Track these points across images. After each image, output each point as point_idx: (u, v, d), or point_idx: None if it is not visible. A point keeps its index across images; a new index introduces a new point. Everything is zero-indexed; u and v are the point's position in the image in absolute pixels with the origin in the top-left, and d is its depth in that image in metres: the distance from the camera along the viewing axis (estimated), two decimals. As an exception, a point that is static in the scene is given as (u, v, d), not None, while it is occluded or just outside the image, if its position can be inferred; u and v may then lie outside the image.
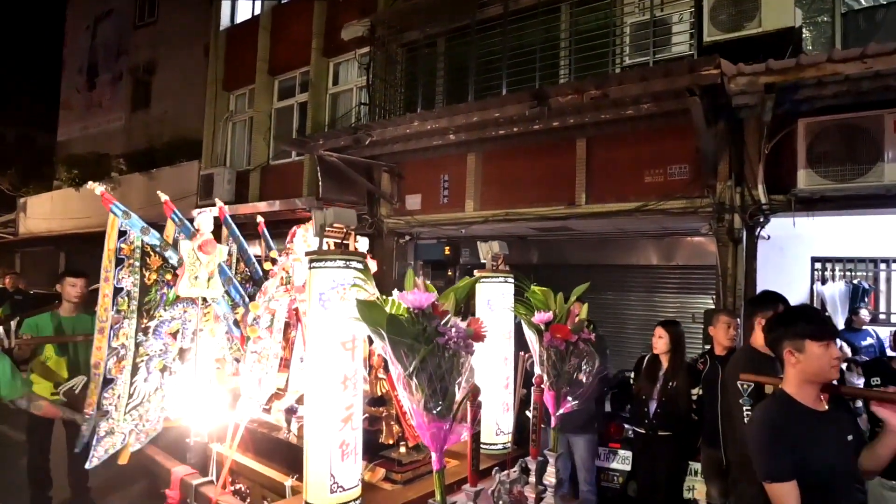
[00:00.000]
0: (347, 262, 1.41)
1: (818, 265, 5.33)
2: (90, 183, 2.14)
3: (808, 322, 1.69)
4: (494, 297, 1.94)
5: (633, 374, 3.58)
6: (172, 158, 9.30)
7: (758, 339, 2.70)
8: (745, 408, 2.46)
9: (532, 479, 1.47)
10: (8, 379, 2.47)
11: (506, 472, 1.31)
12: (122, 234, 2.02)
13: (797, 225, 4.52)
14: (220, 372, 2.26)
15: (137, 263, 2.03)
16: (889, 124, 3.86)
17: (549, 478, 1.59)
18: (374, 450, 1.74)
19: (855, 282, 5.14)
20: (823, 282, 5.27)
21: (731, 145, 4.43)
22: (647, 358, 3.52)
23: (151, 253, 2.06)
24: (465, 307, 1.71)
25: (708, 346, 3.64)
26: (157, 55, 11.14)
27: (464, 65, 5.64)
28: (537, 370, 1.60)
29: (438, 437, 1.09)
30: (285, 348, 2.19)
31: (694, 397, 3.26)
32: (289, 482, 1.71)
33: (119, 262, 2.00)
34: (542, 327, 1.58)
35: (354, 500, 1.40)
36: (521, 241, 5.80)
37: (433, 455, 1.11)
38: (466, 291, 1.21)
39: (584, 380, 1.62)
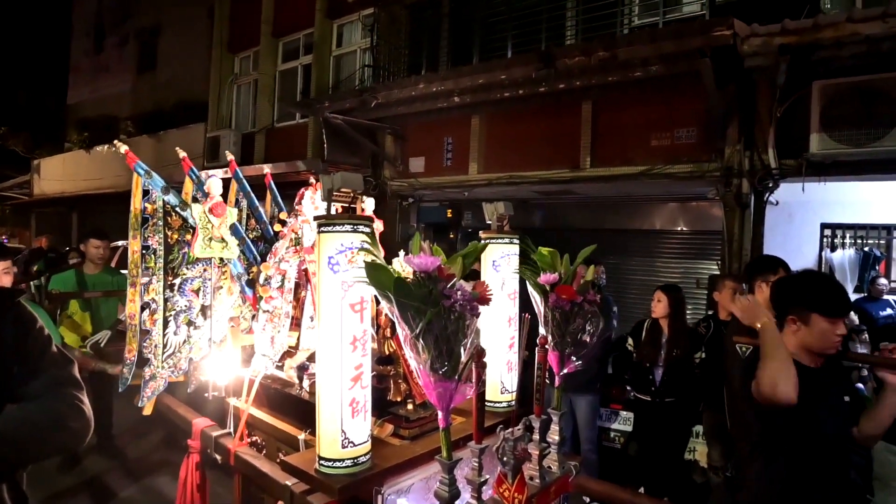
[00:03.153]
0: (355, 227, 1.42)
1: (827, 232, 5.25)
2: (116, 143, 2.18)
3: (821, 295, 1.61)
4: (500, 259, 1.93)
5: (630, 340, 3.58)
6: (179, 121, 9.30)
7: (760, 301, 2.72)
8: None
9: (536, 436, 1.51)
10: (52, 327, 2.61)
11: (510, 429, 1.31)
12: (145, 193, 2.05)
13: (808, 191, 4.44)
14: (235, 330, 2.34)
15: (161, 223, 2.08)
16: (907, 86, 3.72)
17: (553, 436, 1.62)
18: (382, 406, 1.81)
19: (866, 249, 5.07)
20: (833, 249, 5.21)
21: (741, 108, 4.31)
22: (646, 323, 3.52)
23: (172, 212, 2.11)
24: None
25: (711, 312, 3.66)
26: (162, 18, 10.95)
27: (469, 26, 5.49)
28: (542, 331, 1.61)
29: (444, 397, 1.11)
30: (296, 308, 2.24)
31: (696, 361, 3.28)
32: (302, 436, 1.76)
33: (144, 220, 2.05)
34: (548, 288, 1.58)
35: (365, 454, 1.45)
36: (523, 205, 5.78)
37: (439, 414, 1.14)
38: (475, 257, 1.21)
39: (588, 341, 1.63)
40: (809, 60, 3.86)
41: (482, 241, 1.61)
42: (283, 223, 2.26)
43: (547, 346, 1.55)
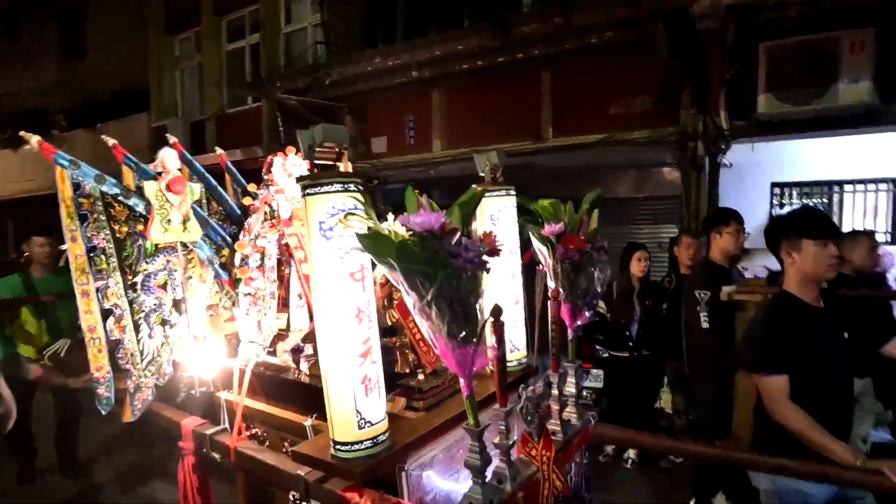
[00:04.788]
0: (345, 186, 1.27)
1: (777, 190, 5.53)
2: (24, 134, 1.92)
3: (806, 221, 1.70)
4: (497, 212, 1.80)
5: (601, 302, 3.68)
6: (118, 111, 8.69)
7: (714, 252, 2.87)
8: (702, 314, 2.65)
9: (555, 391, 1.47)
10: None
11: (531, 387, 1.26)
12: (76, 187, 1.82)
13: (757, 152, 4.64)
14: (216, 318, 2.16)
15: (103, 217, 1.84)
16: (846, 46, 3.89)
17: (570, 388, 1.58)
18: (391, 380, 1.67)
19: (811, 204, 5.39)
20: (782, 206, 5.50)
21: (694, 73, 4.42)
22: (615, 284, 3.63)
23: (114, 203, 1.88)
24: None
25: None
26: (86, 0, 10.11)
27: (423, -3, 5.34)
28: (551, 284, 1.55)
29: (465, 363, 1.04)
30: (280, 287, 2.06)
31: (663, 314, 3.44)
32: (308, 422, 1.63)
33: (82, 217, 1.82)
34: (554, 239, 1.50)
35: (383, 433, 1.35)
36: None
37: (462, 381, 1.07)
38: (474, 206, 1.11)
39: (599, 290, 1.58)
40: (756, 21, 3.99)
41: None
42: (254, 196, 2.08)
43: (560, 300, 1.49)
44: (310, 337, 1.89)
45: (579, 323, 1.58)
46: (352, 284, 1.30)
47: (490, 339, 1.09)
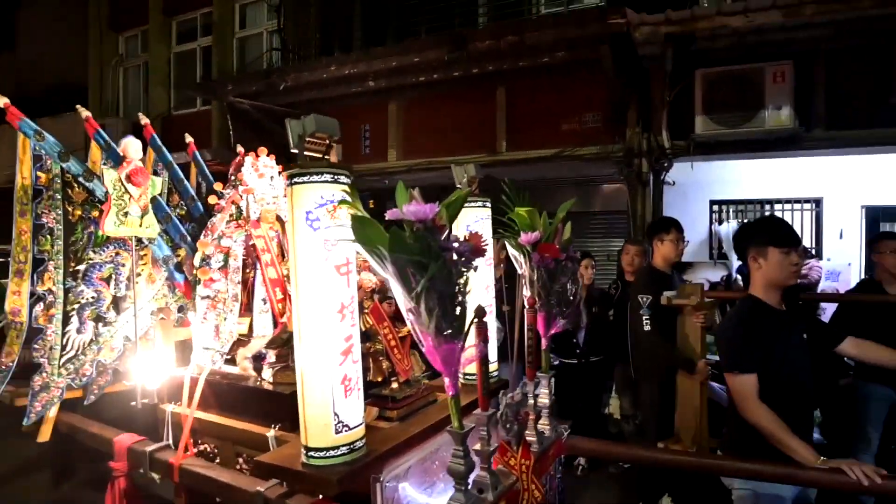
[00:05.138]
0: (335, 176, 1.24)
1: (716, 207, 5.92)
2: None
3: (772, 230, 1.79)
4: (474, 222, 1.80)
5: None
6: (51, 108, 8.10)
7: (657, 258, 3.01)
8: (644, 318, 2.76)
9: (531, 401, 1.45)
10: None
11: (510, 395, 1.24)
12: (36, 159, 1.70)
13: (698, 171, 4.96)
14: (165, 322, 2.04)
15: (59, 196, 1.74)
16: (769, 76, 4.26)
17: (544, 398, 1.55)
18: (363, 389, 1.69)
19: (745, 221, 5.80)
20: (720, 222, 5.89)
21: (638, 94, 4.69)
22: None
23: (73, 183, 1.77)
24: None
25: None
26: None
27: (382, 8, 5.38)
28: (526, 292, 1.55)
29: (451, 360, 1.01)
30: (243, 291, 1.98)
31: (610, 320, 3.55)
32: (271, 433, 1.53)
33: (37, 193, 1.70)
34: (530, 248, 1.51)
35: (360, 438, 1.28)
36: (445, 192, 5.80)
37: (446, 380, 1.04)
38: (459, 207, 1.09)
39: (571, 298, 1.61)
40: (692, 49, 4.30)
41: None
42: (220, 195, 1.99)
43: (536, 307, 1.49)
44: (273, 343, 1.79)
45: (552, 332, 1.58)
46: (336, 278, 1.24)
47: (474, 338, 1.07)
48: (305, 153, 1.33)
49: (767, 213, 5.85)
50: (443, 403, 1.62)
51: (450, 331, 0.99)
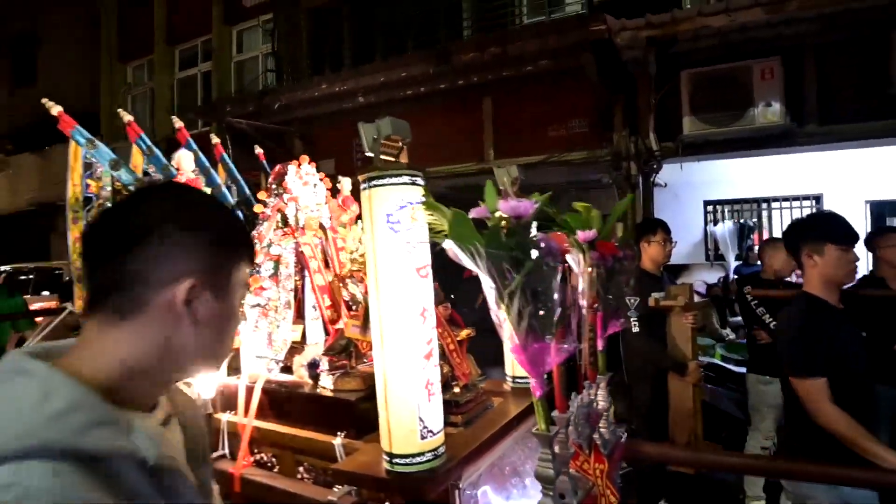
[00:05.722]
0: (412, 178, 1.21)
1: (710, 208, 5.84)
2: (46, 102, 1.79)
3: (830, 227, 1.72)
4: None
5: None
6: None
7: (644, 260, 2.99)
8: (632, 320, 2.73)
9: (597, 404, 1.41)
10: None
11: (580, 396, 1.22)
12: (87, 167, 1.72)
13: (690, 172, 4.92)
14: None
15: (109, 204, 1.72)
16: (757, 73, 4.22)
17: (602, 401, 1.51)
18: None
19: (741, 221, 5.69)
20: (715, 223, 5.79)
21: (624, 98, 4.69)
22: None
23: (124, 192, 1.76)
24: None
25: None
26: (38, 26, 10.00)
27: (370, 27, 5.53)
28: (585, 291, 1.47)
29: (540, 361, 0.98)
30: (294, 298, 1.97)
31: None
32: (338, 440, 1.46)
33: (87, 201, 1.72)
34: (587, 246, 1.45)
35: (441, 444, 1.23)
36: (439, 201, 5.86)
37: (532, 381, 1.01)
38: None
39: (629, 302, 1.54)
40: (675, 51, 4.30)
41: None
42: (265, 203, 2.00)
43: (596, 307, 1.43)
44: (331, 350, 1.76)
45: (610, 332, 1.53)
46: (417, 280, 1.22)
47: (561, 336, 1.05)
48: (381, 156, 1.31)
49: (765, 212, 5.76)
50: (499, 407, 1.58)
51: (540, 330, 0.98)
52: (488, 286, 0.99)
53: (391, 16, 5.39)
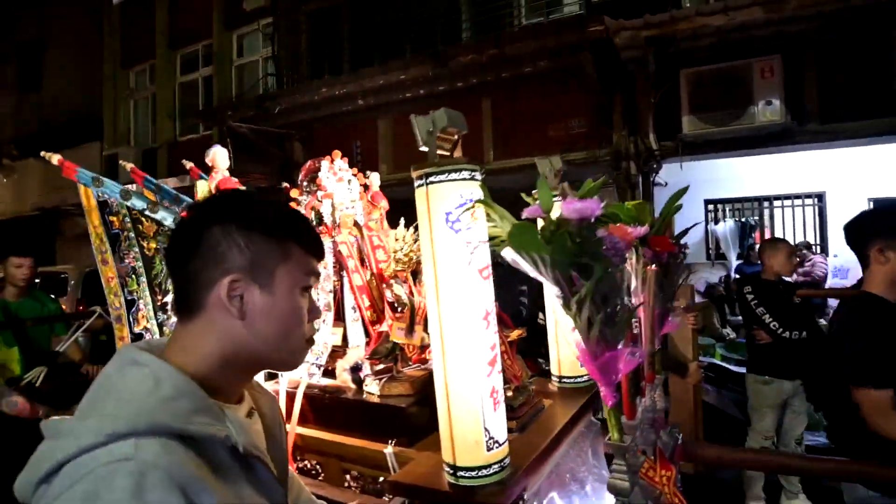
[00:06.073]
0: (472, 174, 1.14)
1: (711, 207, 5.81)
2: (44, 154, 1.78)
3: None
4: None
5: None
6: (70, 140, 8.59)
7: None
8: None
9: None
10: None
11: (645, 399, 1.18)
12: (102, 205, 1.69)
13: (690, 170, 4.89)
14: None
15: (132, 234, 1.72)
16: (757, 72, 4.21)
17: (660, 402, 1.44)
18: None
19: (743, 220, 5.67)
20: (716, 222, 5.77)
21: (623, 97, 4.68)
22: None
23: (141, 218, 1.74)
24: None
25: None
26: (44, 32, 10.10)
27: (369, 31, 5.55)
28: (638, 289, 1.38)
29: (611, 368, 0.93)
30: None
31: None
32: (389, 449, 1.39)
33: (115, 238, 1.70)
34: (639, 242, 1.36)
35: (507, 455, 1.16)
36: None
37: (602, 390, 0.95)
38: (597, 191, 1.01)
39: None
40: (675, 51, 4.28)
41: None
42: (298, 202, 1.93)
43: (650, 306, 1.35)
44: (377, 354, 1.70)
45: (665, 331, 1.46)
46: (480, 282, 1.14)
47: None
48: (437, 150, 1.22)
49: (766, 211, 5.73)
50: (550, 409, 1.53)
51: (611, 337, 0.92)
52: (554, 294, 0.93)
53: (390, 19, 5.41)
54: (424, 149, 1.21)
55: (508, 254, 0.97)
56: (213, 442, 0.62)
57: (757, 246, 5.44)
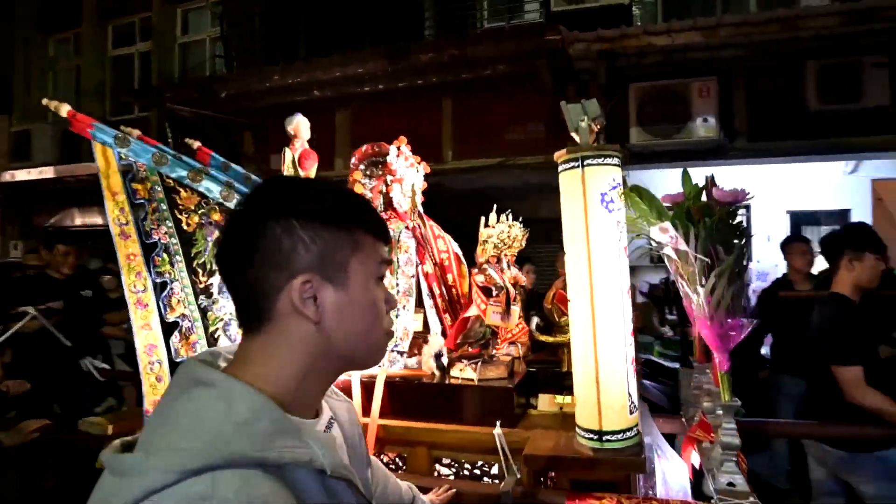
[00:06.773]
0: (619, 160, 1.29)
1: (652, 214, 6.21)
2: (46, 101, 1.48)
3: (872, 238, 2.00)
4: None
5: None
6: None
7: None
8: None
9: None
10: None
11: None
12: (126, 170, 1.43)
13: (637, 180, 5.19)
14: None
15: (164, 206, 1.47)
16: (695, 91, 4.54)
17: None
18: (556, 382, 1.59)
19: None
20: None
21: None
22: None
23: (179, 188, 1.49)
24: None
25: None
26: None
27: (327, 20, 5.37)
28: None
29: (730, 337, 1.07)
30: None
31: None
32: (497, 430, 1.36)
33: (138, 207, 1.44)
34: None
35: (638, 422, 1.27)
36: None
37: (718, 357, 1.08)
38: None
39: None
40: (625, 65, 4.52)
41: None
42: (363, 185, 1.86)
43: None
44: (469, 337, 1.71)
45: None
46: (624, 259, 1.27)
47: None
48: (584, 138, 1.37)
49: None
50: (569, 411, 1.60)
51: (734, 308, 1.05)
52: (692, 270, 1.06)
53: (350, 9, 5.27)
54: (575, 135, 1.37)
55: (655, 234, 1.10)
56: (297, 466, 0.55)
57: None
